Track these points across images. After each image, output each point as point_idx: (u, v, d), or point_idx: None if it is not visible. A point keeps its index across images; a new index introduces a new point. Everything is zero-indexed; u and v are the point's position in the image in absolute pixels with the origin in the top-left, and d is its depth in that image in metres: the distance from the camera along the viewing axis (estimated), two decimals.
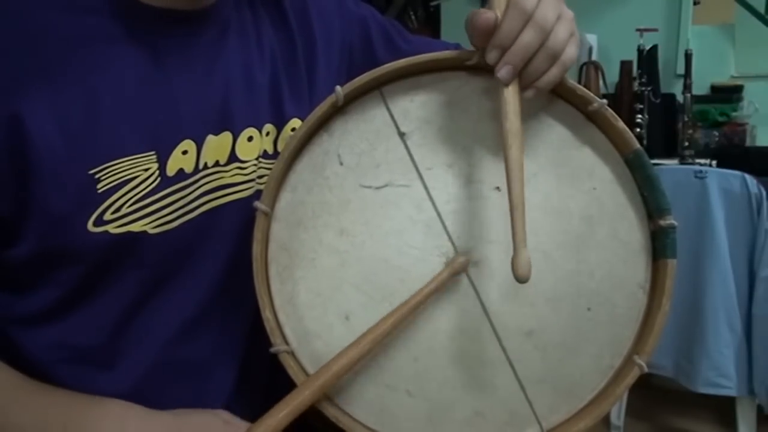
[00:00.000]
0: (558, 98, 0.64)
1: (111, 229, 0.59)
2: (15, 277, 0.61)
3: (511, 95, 0.59)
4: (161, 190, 0.62)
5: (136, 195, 0.60)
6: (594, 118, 0.64)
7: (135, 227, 0.60)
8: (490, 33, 0.58)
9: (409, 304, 0.61)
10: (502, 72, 0.58)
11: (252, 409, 0.63)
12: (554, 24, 0.58)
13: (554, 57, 0.58)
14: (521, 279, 0.57)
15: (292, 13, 0.76)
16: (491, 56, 0.58)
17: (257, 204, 0.62)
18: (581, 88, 0.62)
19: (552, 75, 0.59)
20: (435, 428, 0.65)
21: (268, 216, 0.63)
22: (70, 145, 0.57)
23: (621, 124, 0.63)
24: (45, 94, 0.56)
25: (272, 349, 0.62)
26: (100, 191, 0.58)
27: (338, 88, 0.61)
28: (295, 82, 0.74)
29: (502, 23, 0.57)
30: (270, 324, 0.62)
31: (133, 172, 0.60)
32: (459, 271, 0.63)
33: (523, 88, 0.59)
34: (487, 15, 0.57)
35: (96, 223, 0.58)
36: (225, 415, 0.63)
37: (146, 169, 0.61)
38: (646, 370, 0.62)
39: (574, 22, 0.61)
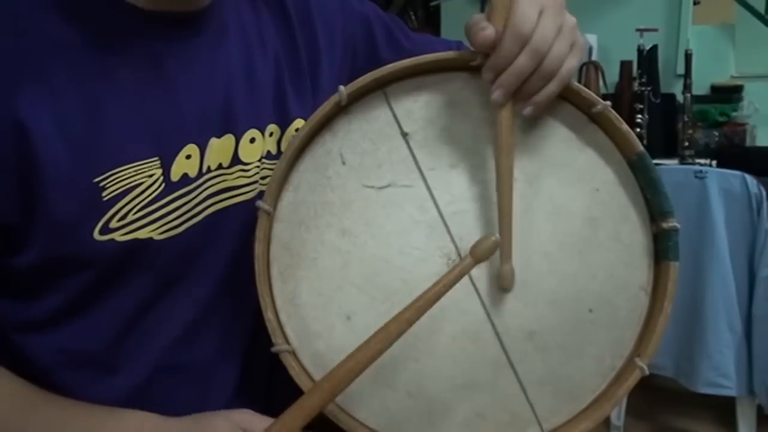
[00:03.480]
0: (561, 100, 0.64)
1: (117, 236, 0.59)
2: (21, 284, 0.61)
3: (504, 114, 0.60)
4: (166, 196, 0.61)
5: (141, 202, 0.60)
6: (597, 119, 0.64)
7: (141, 234, 0.60)
8: (488, 48, 0.58)
9: (424, 300, 0.59)
10: (495, 95, 0.59)
11: (253, 409, 0.63)
12: (553, 43, 0.58)
13: (550, 76, 0.59)
14: (505, 289, 0.63)
15: (294, 13, 0.75)
16: (486, 77, 0.60)
17: (259, 203, 0.62)
18: (585, 90, 0.62)
19: (548, 91, 0.60)
20: (435, 429, 0.64)
21: (270, 215, 0.63)
22: (74, 153, 0.56)
23: (624, 126, 0.63)
24: (46, 102, 0.55)
25: (273, 349, 0.62)
26: (105, 199, 0.58)
27: (341, 87, 0.61)
28: (298, 82, 0.74)
29: (500, 46, 0.57)
30: (271, 324, 0.62)
31: (138, 179, 0.59)
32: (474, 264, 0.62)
33: (520, 102, 0.60)
34: (485, 32, 0.58)
35: (102, 231, 0.58)
36: (243, 415, 0.62)
37: (150, 175, 0.60)
38: (647, 372, 0.62)
39: (576, 30, 0.61)
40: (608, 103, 0.62)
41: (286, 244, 0.64)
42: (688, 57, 2.44)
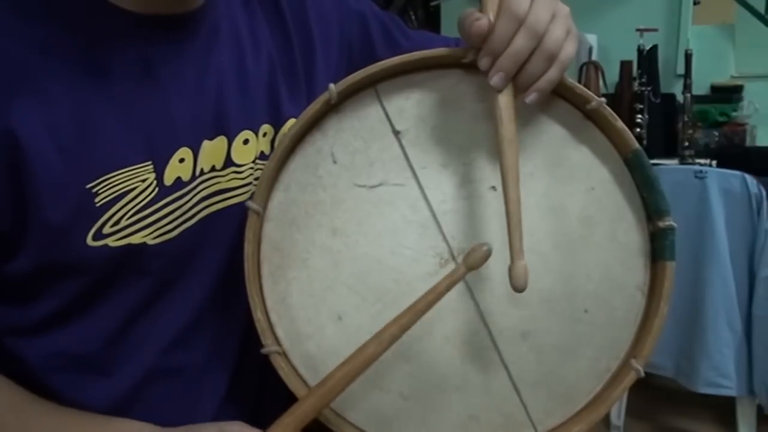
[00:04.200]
0: (556, 97, 0.63)
1: (110, 242, 0.58)
2: (14, 289, 0.60)
3: (505, 101, 0.58)
4: (159, 200, 0.61)
5: (134, 207, 0.59)
6: (592, 116, 0.63)
7: (135, 239, 0.59)
8: (484, 39, 0.57)
9: (413, 312, 0.58)
10: (495, 79, 0.57)
11: (243, 413, 0.62)
12: (548, 25, 0.57)
13: (551, 58, 0.57)
14: (518, 290, 0.57)
15: (289, 13, 0.74)
16: (483, 63, 0.58)
17: (249, 203, 0.61)
18: (580, 87, 0.61)
19: (551, 75, 0.58)
20: (428, 431, 0.64)
21: (260, 215, 0.62)
22: (65, 159, 0.56)
23: (620, 123, 0.62)
24: (36, 109, 0.55)
25: (263, 350, 0.61)
26: (98, 204, 0.57)
27: (331, 85, 0.60)
28: (293, 82, 0.73)
29: (494, 30, 0.56)
30: (261, 325, 0.62)
31: (131, 184, 0.59)
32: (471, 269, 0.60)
33: (522, 91, 0.58)
34: (480, 22, 0.57)
35: (95, 237, 0.58)
36: (234, 426, 0.61)
37: (143, 180, 0.60)
38: (642, 374, 0.61)
39: (570, 18, 0.60)
40: (603, 99, 0.61)
41: (276, 244, 0.63)
42: (688, 57, 2.43)
